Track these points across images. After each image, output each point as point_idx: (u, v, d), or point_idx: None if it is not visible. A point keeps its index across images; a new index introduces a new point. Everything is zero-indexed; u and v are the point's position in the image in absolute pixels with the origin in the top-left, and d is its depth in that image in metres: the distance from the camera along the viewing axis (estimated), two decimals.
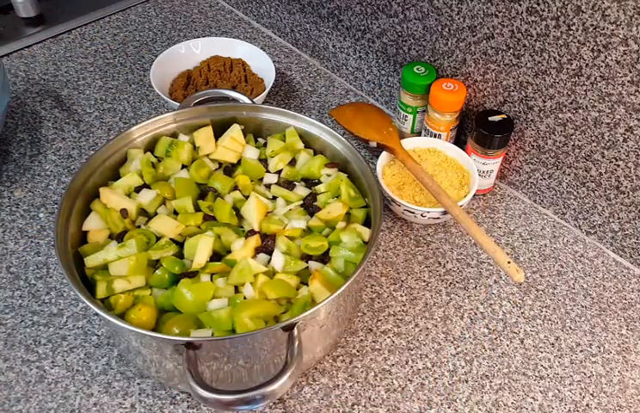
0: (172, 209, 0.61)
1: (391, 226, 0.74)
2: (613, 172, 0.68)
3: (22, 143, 0.82)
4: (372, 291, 0.67)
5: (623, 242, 0.71)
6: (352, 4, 0.87)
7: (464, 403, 0.58)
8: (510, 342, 0.63)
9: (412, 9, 0.78)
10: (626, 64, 0.61)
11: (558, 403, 0.59)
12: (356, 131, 0.81)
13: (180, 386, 0.55)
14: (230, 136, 0.66)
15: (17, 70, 0.94)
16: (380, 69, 0.89)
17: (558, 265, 0.71)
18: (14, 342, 0.60)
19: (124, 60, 0.97)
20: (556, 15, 0.64)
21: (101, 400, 0.56)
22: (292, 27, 1.01)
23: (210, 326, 0.51)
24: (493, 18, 0.69)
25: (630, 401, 0.59)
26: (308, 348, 0.53)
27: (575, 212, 0.74)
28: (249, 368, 0.51)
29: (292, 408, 0.57)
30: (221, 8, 1.11)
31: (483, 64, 0.74)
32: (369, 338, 0.63)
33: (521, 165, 0.77)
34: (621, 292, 0.69)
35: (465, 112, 0.80)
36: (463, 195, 0.73)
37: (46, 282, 0.66)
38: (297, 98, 0.93)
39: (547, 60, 0.67)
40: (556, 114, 0.70)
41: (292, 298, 0.54)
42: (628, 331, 0.65)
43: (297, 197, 0.64)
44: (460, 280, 0.69)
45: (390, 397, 0.58)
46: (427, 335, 0.64)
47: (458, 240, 0.73)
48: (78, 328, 0.62)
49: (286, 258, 0.57)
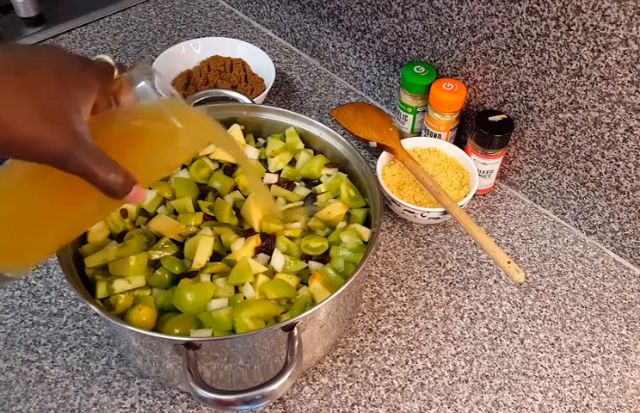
0: (172, 209, 0.61)
1: (391, 226, 0.74)
2: (613, 172, 0.68)
3: None
4: (372, 291, 0.67)
5: (623, 242, 0.71)
6: (352, 4, 0.87)
7: (464, 403, 0.58)
8: (510, 342, 0.63)
9: (412, 9, 0.78)
10: (626, 64, 0.61)
11: (558, 403, 0.59)
12: (356, 131, 0.81)
13: (180, 386, 0.55)
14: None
15: None
16: (380, 69, 0.89)
17: (558, 265, 0.71)
18: (14, 342, 0.60)
19: (124, 60, 0.97)
20: (556, 16, 0.64)
21: (100, 400, 0.56)
22: (292, 27, 1.01)
23: (210, 326, 0.51)
24: (493, 18, 0.69)
25: (630, 401, 0.59)
26: (308, 348, 0.53)
27: (575, 213, 0.74)
28: (249, 368, 0.51)
29: (292, 408, 0.57)
30: (221, 8, 1.11)
31: (483, 64, 0.74)
32: (369, 338, 0.63)
33: (521, 165, 0.77)
34: (621, 293, 0.69)
35: (465, 112, 0.80)
36: (463, 195, 0.73)
37: (46, 282, 0.66)
38: (297, 98, 0.93)
39: (547, 60, 0.67)
40: (557, 114, 0.70)
41: (292, 298, 0.54)
42: (628, 331, 0.65)
43: (297, 197, 0.64)
44: (460, 280, 0.69)
45: (390, 397, 0.58)
46: (427, 335, 0.64)
47: (458, 240, 0.73)
48: (78, 328, 0.62)
49: (286, 258, 0.57)
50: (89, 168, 0.35)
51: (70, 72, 0.36)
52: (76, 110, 0.35)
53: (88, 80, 0.37)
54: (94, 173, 0.36)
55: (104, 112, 0.40)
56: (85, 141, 0.35)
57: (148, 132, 0.41)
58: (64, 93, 0.35)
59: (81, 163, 0.35)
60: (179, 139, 0.42)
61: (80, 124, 0.35)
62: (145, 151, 0.41)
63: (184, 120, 0.41)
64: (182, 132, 0.41)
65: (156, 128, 0.41)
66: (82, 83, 0.37)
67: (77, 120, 0.35)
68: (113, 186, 0.37)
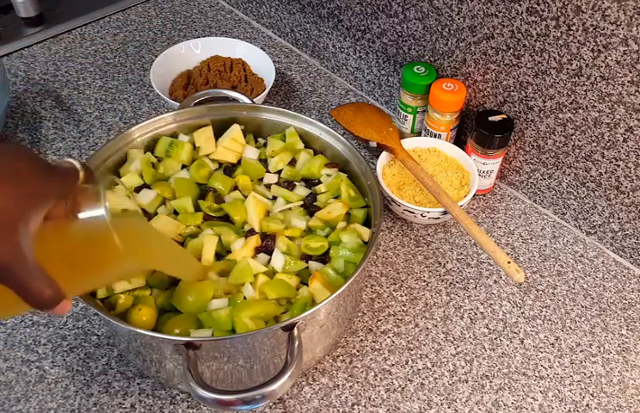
0: (172, 209, 0.61)
1: (391, 226, 0.74)
2: (613, 172, 0.68)
3: (22, 143, 0.82)
4: (372, 291, 0.67)
5: (623, 242, 0.71)
6: (352, 4, 0.87)
7: (464, 403, 0.58)
8: (510, 342, 0.63)
9: (412, 9, 0.78)
10: (626, 64, 0.61)
11: (558, 403, 0.59)
12: (356, 131, 0.81)
13: (180, 386, 0.55)
14: (231, 136, 0.66)
15: (17, 70, 0.94)
16: (380, 69, 0.89)
17: (558, 265, 0.71)
18: (14, 342, 0.60)
19: (124, 60, 0.97)
20: (556, 16, 0.64)
21: (100, 400, 0.56)
22: (292, 27, 1.01)
23: (210, 326, 0.51)
24: (493, 18, 0.69)
25: (630, 401, 0.59)
26: (308, 348, 0.53)
27: (575, 213, 0.74)
28: (249, 368, 0.51)
29: (292, 408, 0.57)
30: (221, 8, 1.11)
31: (483, 64, 0.74)
32: (369, 338, 0.63)
33: (521, 165, 0.77)
34: (621, 292, 0.69)
35: (465, 112, 0.80)
36: (463, 195, 0.73)
37: None
38: (297, 98, 0.93)
39: (547, 60, 0.67)
40: (557, 114, 0.70)
41: (292, 298, 0.54)
42: (628, 331, 0.65)
43: (297, 197, 0.64)
44: (460, 280, 0.69)
45: (390, 397, 0.58)
46: (427, 335, 0.64)
47: (458, 240, 0.73)
48: (78, 328, 0.62)
49: (286, 258, 0.57)
50: (24, 284, 0.35)
51: (29, 184, 0.36)
52: (25, 223, 0.35)
53: (47, 189, 0.37)
54: (27, 289, 0.36)
55: (54, 220, 0.40)
56: (26, 258, 0.35)
57: (91, 249, 0.41)
58: (16, 204, 0.35)
59: (18, 279, 0.35)
60: (120, 262, 0.41)
61: (25, 238, 0.35)
62: (85, 266, 0.42)
63: (129, 243, 0.41)
64: (124, 256, 0.40)
65: (99, 246, 0.41)
66: (39, 194, 0.36)
67: (23, 234, 0.35)
68: (43, 302, 0.37)
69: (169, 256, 0.51)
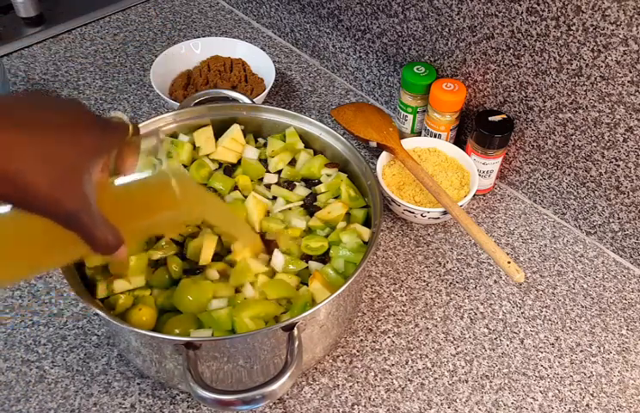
0: None
1: (391, 226, 0.74)
2: (613, 172, 0.68)
3: None
4: (372, 291, 0.67)
5: (623, 242, 0.71)
6: (352, 4, 0.87)
7: (464, 403, 0.58)
8: (510, 342, 0.63)
9: (412, 9, 0.78)
10: (626, 64, 0.61)
11: (558, 403, 0.59)
12: (356, 131, 0.81)
13: (180, 386, 0.55)
14: (231, 136, 0.66)
15: (17, 70, 0.94)
16: (380, 69, 0.89)
17: (558, 265, 0.71)
18: (14, 342, 0.60)
19: (124, 60, 0.97)
20: (557, 16, 0.64)
21: (100, 400, 0.56)
22: (292, 27, 1.01)
23: (210, 326, 0.51)
24: (493, 18, 0.69)
25: (630, 401, 0.59)
26: (308, 348, 0.53)
27: (575, 213, 0.74)
28: (249, 368, 0.51)
29: (292, 408, 0.57)
30: (221, 8, 1.11)
31: (483, 64, 0.74)
32: (369, 338, 0.63)
33: (521, 165, 0.77)
34: (621, 292, 0.69)
35: (465, 112, 0.80)
36: (463, 195, 0.73)
37: (46, 282, 0.66)
38: (297, 98, 0.93)
39: (547, 60, 0.67)
40: (557, 114, 0.70)
41: (292, 298, 0.54)
42: (628, 331, 0.65)
43: (297, 197, 0.64)
44: (460, 280, 0.69)
45: (390, 397, 0.58)
46: (427, 335, 0.64)
47: (458, 240, 0.73)
48: (78, 328, 0.62)
49: (286, 258, 0.57)
50: (89, 231, 0.37)
51: (87, 136, 0.37)
52: (87, 171, 0.37)
53: (103, 143, 0.39)
54: (92, 235, 0.38)
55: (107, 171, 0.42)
56: (91, 205, 0.37)
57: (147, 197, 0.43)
58: (77, 155, 0.36)
59: (84, 225, 0.37)
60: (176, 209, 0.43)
61: (89, 187, 0.37)
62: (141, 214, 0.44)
63: (184, 192, 0.42)
64: (180, 203, 0.42)
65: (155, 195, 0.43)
66: (96, 146, 0.38)
67: (87, 183, 0.37)
68: (105, 248, 0.39)
69: (222, 215, 0.53)
